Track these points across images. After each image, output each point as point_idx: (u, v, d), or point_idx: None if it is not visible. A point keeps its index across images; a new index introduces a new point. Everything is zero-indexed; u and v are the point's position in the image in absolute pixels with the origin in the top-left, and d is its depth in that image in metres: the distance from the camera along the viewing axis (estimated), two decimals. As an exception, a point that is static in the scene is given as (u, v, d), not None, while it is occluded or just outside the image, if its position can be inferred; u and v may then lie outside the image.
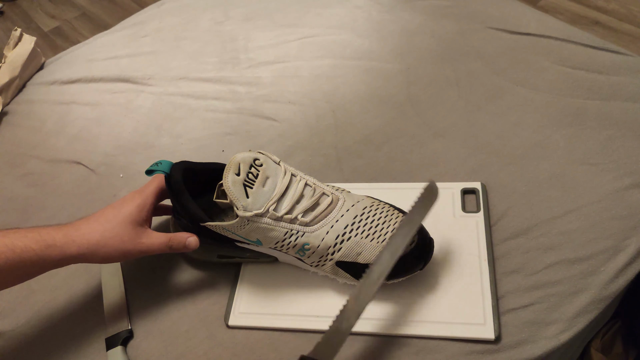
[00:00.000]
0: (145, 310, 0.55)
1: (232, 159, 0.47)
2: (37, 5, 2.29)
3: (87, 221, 0.48)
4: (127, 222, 0.48)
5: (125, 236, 0.47)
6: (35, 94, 0.87)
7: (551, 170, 0.57)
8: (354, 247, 0.47)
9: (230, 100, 0.77)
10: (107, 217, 0.48)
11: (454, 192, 0.57)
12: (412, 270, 0.47)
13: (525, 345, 0.45)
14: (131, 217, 0.48)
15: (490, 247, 0.51)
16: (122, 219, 0.48)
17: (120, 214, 0.48)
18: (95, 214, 0.49)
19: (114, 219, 0.48)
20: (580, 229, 0.52)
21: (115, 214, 0.48)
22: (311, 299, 0.51)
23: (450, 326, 0.47)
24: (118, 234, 0.47)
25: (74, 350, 0.53)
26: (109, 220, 0.48)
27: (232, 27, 0.90)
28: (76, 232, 0.46)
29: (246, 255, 0.53)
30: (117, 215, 0.48)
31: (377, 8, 0.86)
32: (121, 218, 0.48)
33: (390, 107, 0.69)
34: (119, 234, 0.47)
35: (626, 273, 0.48)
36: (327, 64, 0.78)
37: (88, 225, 0.47)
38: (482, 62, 0.72)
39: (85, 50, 0.95)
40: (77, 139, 0.77)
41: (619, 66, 0.67)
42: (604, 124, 0.60)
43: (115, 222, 0.48)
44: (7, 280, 0.44)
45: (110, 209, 0.49)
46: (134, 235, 0.48)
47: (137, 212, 0.49)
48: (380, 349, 0.47)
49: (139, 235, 0.48)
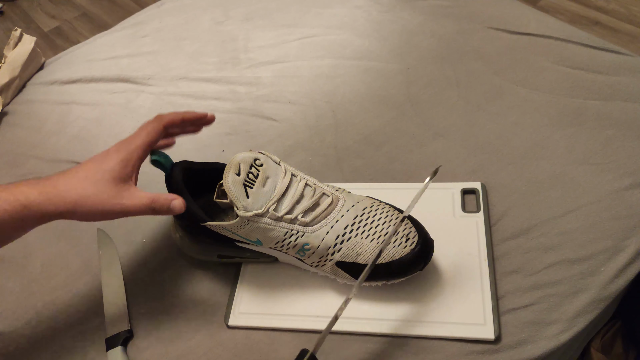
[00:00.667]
0: (145, 310, 0.55)
1: (232, 159, 0.47)
2: (37, 5, 2.29)
3: (65, 177, 0.44)
4: (108, 179, 0.44)
5: (105, 195, 0.44)
6: (35, 94, 0.87)
7: (551, 170, 0.57)
8: (354, 247, 0.47)
9: (230, 100, 0.77)
10: (87, 173, 0.44)
11: (454, 192, 0.57)
12: (412, 270, 0.47)
13: (525, 346, 0.45)
14: (113, 173, 0.44)
15: (490, 247, 0.51)
16: (102, 176, 0.44)
17: (101, 169, 0.44)
18: (75, 168, 0.45)
19: (94, 175, 0.44)
20: (580, 229, 0.52)
21: (97, 170, 0.44)
22: (311, 299, 0.51)
23: (450, 326, 0.47)
24: (97, 193, 0.43)
25: (74, 351, 0.53)
26: (89, 176, 0.44)
27: (232, 27, 0.90)
28: (53, 189, 0.43)
29: (246, 255, 0.53)
30: (98, 171, 0.44)
31: (377, 8, 0.86)
32: (101, 174, 0.44)
33: (390, 107, 0.69)
34: (99, 192, 0.43)
35: (626, 273, 0.48)
36: (327, 64, 0.78)
37: (66, 181, 0.44)
38: (482, 62, 0.72)
39: (85, 50, 0.95)
40: (77, 139, 0.77)
41: (619, 66, 0.67)
42: (604, 124, 0.60)
43: (95, 179, 0.44)
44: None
45: (92, 164, 0.45)
46: (115, 193, 0.44)
47: (120, 168, 0.45)
48: (380, 349, 0.47)
49: (121, 194, 0.44)
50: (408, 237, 0.47)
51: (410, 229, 0.48)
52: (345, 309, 0.50)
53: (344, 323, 0.49)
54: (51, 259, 0.61)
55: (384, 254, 0.47)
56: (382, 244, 0.46)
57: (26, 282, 0.60)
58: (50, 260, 0.61)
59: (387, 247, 0.47)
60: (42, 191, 0.42)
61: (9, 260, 0.62)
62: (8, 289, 0.59)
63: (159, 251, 0.59)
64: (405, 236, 0.47)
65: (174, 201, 0.46)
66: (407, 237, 0.47)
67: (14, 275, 0.61)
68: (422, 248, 0.47)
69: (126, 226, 0.63)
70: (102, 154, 0.46)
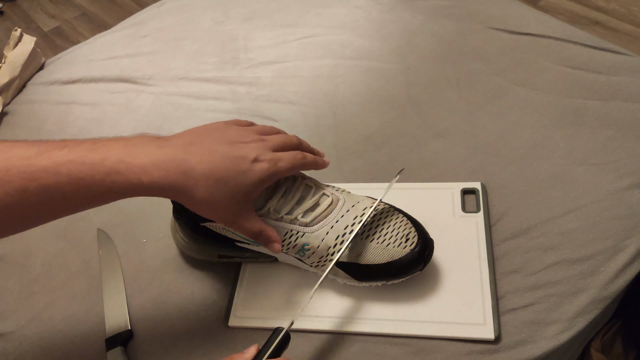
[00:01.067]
0: (145, 310, 0.55)
1: None
2: (37, 5, 2.29)
3: (201, 167, 0.41)
4: (240, 193, 0.42)
5: (231, 208, 0.42)
6: (35, 94, 0.87)
7: (551, 170, 0.57)
8: (354, 247, 0.47)
9: (230, 100, 0.77)
10: (225, 176, 0.42)
11: (454, 192, 0.57)
12: (412, 271, 0.47)
13: (525, 345, 0.45)
14: (245, 190, 0.42)
15: (490, 247, 0.51)
16: (235, 190, 0.42)
17: (239, 183, 0.42)
18: (210, 161, 0.41)
19: (230, 183, 0.42)
20: (580, 229, 0.52)
21: (235, 181, 0.42)
22: (311, 299, 0.51)
23: (450, 326, 0.47)
24: (227, 204, 0.42)
25: (74, 351, 0.53)
26: (225, 181, 0.41)
27: (232, 27, 0.90)
28: (180, 175, 0.40)
29: (246, 255, 0.53)
30: (236, 184, 0.42)
31: (378, 8, 0.86)
32: (235, 188, 0.42)
33: (391, 107, 0.69)
34: (228, 203, 0.42)
35: (626, 273, 0.48)
36: (327, 64, 0.78)
37: (202, 168, 0.41)
38: (482, 62, 0.72)
39: (85, 50, 0.95)
40: (77, 139, 0.77)
41: (619, 66, 0.67)
42: (603, 124, 0.60)
43: (230, 188, 0.42)
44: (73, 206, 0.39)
45: (232, 172, 0.42)
46: (239, 210, 0.43)
47: (252, 190, 0.43)
48: (380, 349, 0.47)
49: (245, 212, 0.43)
50: (408, 237, 0.47)
51: (410, 229, 0.48)
52: (346, 309, 0.50)
53: (344, 323, 0.49)
54: (51, 259, 0.61)
55: (384, 253, 0.47)
56: (352, 235, 0.46)
57: (26, 282, 0.60)
58: (50, 260, 0.61)
59: (372, 243, 0.47)
60: (167, 176, 0.39)
61: (9, 260, 0.62)
62: (8, 289, 0.59)
63: (159, 251, 0.59)
64: (405, 236, 0.47)
65: (275, 244, 0.45)
66: (407, 237, 0.47)
67: (14, 275, 0.61)
68: (421, 248, 0.47)
69: (126, 226, 0.63)
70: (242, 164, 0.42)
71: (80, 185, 0.38)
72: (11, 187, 0.36)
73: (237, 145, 0.43)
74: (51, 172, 0.37)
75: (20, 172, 0.37)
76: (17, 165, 0.37)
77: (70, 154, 0.38)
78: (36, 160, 0.37)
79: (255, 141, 0.44)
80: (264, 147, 0.44)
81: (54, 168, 0.37)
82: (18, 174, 0.37)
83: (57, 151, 0.38)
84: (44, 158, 0.37)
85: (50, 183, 0.37)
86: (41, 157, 0.37)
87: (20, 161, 0.37)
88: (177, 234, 0.56)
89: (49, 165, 0.37)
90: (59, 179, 0.37)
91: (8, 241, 0.64)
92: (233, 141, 0.43)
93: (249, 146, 0.43)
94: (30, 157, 0.37)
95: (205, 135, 0.44)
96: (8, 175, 0.36)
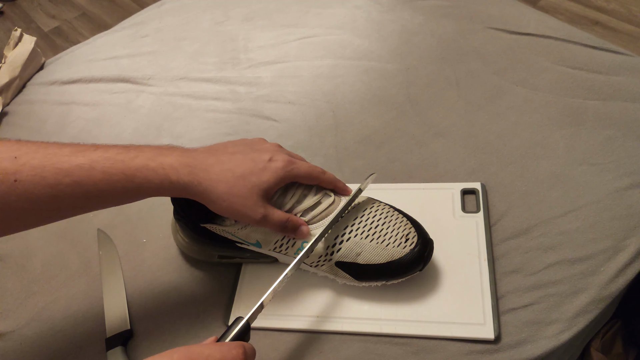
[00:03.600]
0: (146, 310, 0.55)
1: None
2: (37, 5, 2.29)
3: (220, 168, 0.44)
4: (259, 189, 0.44)
5: (250, 201, 0.44)
6: (35, 94, 0.87)
7: (551, 170, 0.57)
8: (354, 247, 0.47)
9: (230, 100, 0.77)
10: (243, 173, 0.44)
11: (454, 193, 0.57)
12: (411, 271, 0.47)
13: (525, 345, 0.45)
14: (265, 186, 0.45)
15: (490, 247, 0.51)
16: (254, 186, 0.44)
17: (255, 179, 0.45)
18: (229, 162, 0.45)
19: (247, 179, 0.44)
20: (580, 229, 0.52)
21: (250, 179, 0.45)
22: (311, 299, 0.51)
23: (450, 326, 0.47)
24: (245, 197, 0.44)
25: (74, 351, 0.53)
26: (243, 176, 0.44)
27: (232, 27, 0.90)
28: (204, 173, 0.43)
29: (246, 256, 0.53)
30: (251, 181, 0.45)
31: (377, 8, 0.86)
32: (253, 185, 0.44)
33: (390, 107, 0.69)
34: (246, 197, 0.44)
35: (626, 273, 0.48)
36: (327, 64, 0.78)
37: (221, 171, 0.44)
38: (482, 62, 0.72)
39: (85, 50, 0.95)
40: (77, 139, 0.77)
41: (619, 66, 0.67)
42: (603, 124, 0.60)
43: (248, 182, 0.44)
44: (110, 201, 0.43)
45: (248, 174, 0.45)
46: (261, 203, 0.45)
47: (271, 187, 0.45)
48: (380, 349, 0.47)
49: (265, 205, 0.45)
50: (407, 237, 0.47)
51: (409, 230, 0.48)
52: (346, 309, 0.50)
53: (344, 323, 0.49)
54: (51, 259, 0.61)
55: (384, 253, 0.47)
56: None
57: (26, 282, 0.60)
58: (50, 260, 0.61)
59: (371, 243, 0.47)
60: (192, 172, 0.43)
61: (9, 260, 0.62)
62: (8, 289, 0.59)
63: (159, 251, 0.59)
64: (404, 236, 0.47)
65: (302, 227, 0.47)
66: (407, 237, 0.47)
67: (14, 275, 0.61)
68: (421, 248, 0.47)
69: (126, 226, 0.63)
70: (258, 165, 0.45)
71: (113, 181, 0.41)
72: (46, 183, 0.39)
73: (255, 148, 0.47)
74: (85, 169, 0.40)
75: (56, 168, 0.40)
76: (53, 162, 0.40)
77: (105, 153, 0.41)
78: (70, 158, 0.40)
79: (273, 146, 0.49)
80: (281, 151, 0.48)
81: (88, 164, 0.40)
82: (53, 170, 0.40)
83: (91, 151, 0.41)
84: (78, 156, 0.41)
85: (84, 179, 0.40)
86: (75, 155, 0.41)
87: (55, 158, 0.40)
88: (177, 235, 0.56)
89: (84, 162, 0.40)
90: (92, 174, 0.40)
91: (8, 241, 0.64)
92: (251, 146, 0.48)
93: (265, 148, 0.47)
94: (65, 154, 0.40)
95: (229, 144, 0.48)
96: (44, 172, 0.39)
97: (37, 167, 0.39)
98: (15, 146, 0.40)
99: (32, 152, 0.40)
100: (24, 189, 0.39)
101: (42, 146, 0.41)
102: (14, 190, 0.39)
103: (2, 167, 0.39)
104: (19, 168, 0.39)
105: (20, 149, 0.40)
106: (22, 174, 0.39)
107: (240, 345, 0.39)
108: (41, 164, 0.39)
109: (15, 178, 0.39)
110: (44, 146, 0.41)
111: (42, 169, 0.39)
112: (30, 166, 0.39)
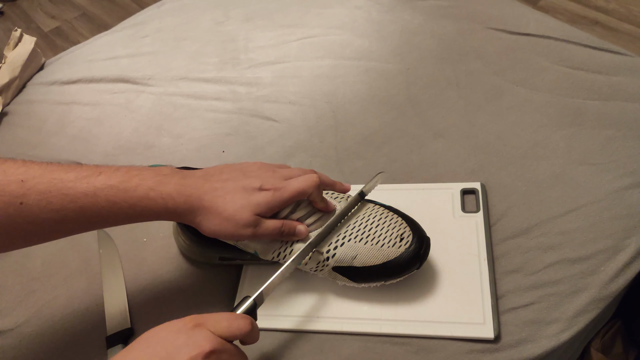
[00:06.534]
0: (146, 309, 0.55)
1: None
2: (37, 5, 2.30)
3: (214, 194, 0.46)
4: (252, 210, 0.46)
5: (240, 225, 0.46)
6: (35, 94, 0.87)
7: (551, 170, 0.57)
8: (348, 251, 0.47)
9: (230, 100, 0.77)
10: (234, 197, 0.46)
11: (454, 193, 0.57)
12: (408, 269, 0.47)
13: (525, 345, 0.45)
14: (258, 208, 0.46)
15: (490, 246, 0.51)
16: (247, 205, 0.46)
17: (249, 202, 0.46)
18: (223, 183, 0.46)
19: (240, 201, 0.46)
20: (580, 229, 0.52)
21: (243, 198, 0.46)
22: (312, 299, 0.52)
23: (450, 325, 0.47)
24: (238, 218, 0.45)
25: (74, 349, 0.53)
26: (235, 200, 0.46)
27: (232, 27, 0.90)
28: (198, 201, 0.45)
29: (247, 257, 0.53)
30: (246, 200, 0.46)
31: (377, 8, 0.86)
32: (248, 203, 0.46)
33: (390, 108, 0.69)
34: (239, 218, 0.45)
35: (626, 273, 0.48)
36: (327, 64, 0.78)
37: (212, 198, 0.45)
38: (482, 62, 0.72)
39: (85, 50, 0.95)
40: (77, 139, 0.77)
41: (619, 66, 0.67)
42: (603, 124, 0.60)
43: (241, 204, 0.46)
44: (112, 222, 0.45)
45: (240, 193, 0.46)
46: (253, 221, 0.46)
47: (265, 211, 0.47)
48: (380, 349, 0.47)
49: (257, 223, 0.46)
50: (402, 237, 0.47)
51: (404, 229, 0.48)
52: (346, 309, 0.50)
53: (344, 323, 0.49)
54: (51, 258, 0.61)
55: (379, 255, 0.47)
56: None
57: (26, 280, 0.60)
58: (50, 259, 0.61)
59: (365, 246, 0.47)
60: (187, 201, 0.45)
61: (9, 258, 0.62)
62: (8, 287, 0.59)
63: (159, 251, 0.59)
64: (399, 236, 0.47)
65: (299, 226, 0.48)
66: (402, 236, 0.47)
67: (14, 273, 0.61)
68: (417, 247, 0.47)
69: (126, 226, 0.62)
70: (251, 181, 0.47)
71: (115, 208, 0.43)
72: (51, 208, 0.41)
73: (247, 175, 0.48)
74: (90, 195, 0.42)
75: (62, 194, 0.42)
76: (59, 188, 0.42)
77: (108, 180, 0.43)
78: (75, 184, 0.42)
79: (266, 172, 0.48)
80: (273, 177, 0.48)
81: (92, 192, 0.42)
82: (59, 195, 0.42)
83: (95, 177, 0.43)
84: (83, 183, 0.42)
85: (88, 205, 0.42)
86: (80, 182, 0.42)
87: (61, 184, 0.42)
88: (178, 237, 0.56)
89: (88, 190, 0.42)
90: (96, 201, 0.42)
91: (8, 241, 0.64)
92: (245, 172, 0.48)
93: (256, 174, 0.48)
94: (70, 180, 0.42)
95: (224, 169, 0.49)
96: (50, 197, 0.41)
97: (44, 192, 0.41)
98: (22, 168, 0.42)
99: (39, 177, 0.42)
100: (29, 212, 0.41)
101: (47, 169, 0.43)
102: (20, 213, 0.41)
103: (9, 190, 0.40)
104: (25, 192, 0.41)
105: (28, 172, 0.42)
106: (28, 198, 0.41)
107: (248, 317, 0.41)
108: (47, 189, 0.41)
109: (22, 201, 0.41)
110: (49, 169, 0.43)
111: (48, 194, 0.41)
112: (37, 191, 0.41)
